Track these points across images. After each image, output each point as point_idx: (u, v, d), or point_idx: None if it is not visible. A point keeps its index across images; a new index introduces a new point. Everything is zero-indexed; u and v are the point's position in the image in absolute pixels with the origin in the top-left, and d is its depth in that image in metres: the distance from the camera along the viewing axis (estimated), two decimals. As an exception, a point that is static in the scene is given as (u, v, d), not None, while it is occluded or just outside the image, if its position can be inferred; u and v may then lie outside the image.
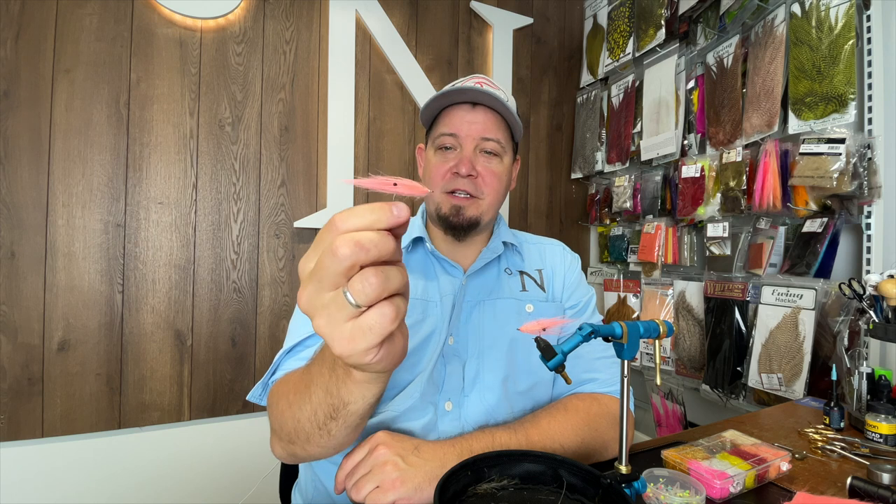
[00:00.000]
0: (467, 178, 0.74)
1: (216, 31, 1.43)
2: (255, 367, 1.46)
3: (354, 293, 0.31)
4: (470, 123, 0.75)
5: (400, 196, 0.34)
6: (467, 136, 0.75)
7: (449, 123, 0.76)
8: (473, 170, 0.74)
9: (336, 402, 0.45)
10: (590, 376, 0.78)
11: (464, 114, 0.75)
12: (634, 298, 1.75)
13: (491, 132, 0.76)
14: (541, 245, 0.89)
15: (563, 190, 2.05)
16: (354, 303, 0.31)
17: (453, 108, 0.76)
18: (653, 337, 0.54)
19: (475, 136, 0.75)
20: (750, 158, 1.31)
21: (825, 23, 1.15)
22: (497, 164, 0.77)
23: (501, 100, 0.74)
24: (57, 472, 1.23)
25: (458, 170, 0.73)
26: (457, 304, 0.75)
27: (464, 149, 0.75)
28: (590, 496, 0.51)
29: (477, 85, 0.74)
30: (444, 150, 0.77)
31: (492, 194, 0.77)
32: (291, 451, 0.57)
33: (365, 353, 0.33)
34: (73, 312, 1.26)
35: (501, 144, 0.77)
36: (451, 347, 0.73)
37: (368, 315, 0.32)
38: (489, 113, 0.76)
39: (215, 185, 1.42)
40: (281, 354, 0.67)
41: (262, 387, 0.67)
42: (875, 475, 0.63)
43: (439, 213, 0.76)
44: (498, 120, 0.77)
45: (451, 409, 0.71)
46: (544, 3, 1.99)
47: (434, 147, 0.78)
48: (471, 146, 0.75)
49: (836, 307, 1.09)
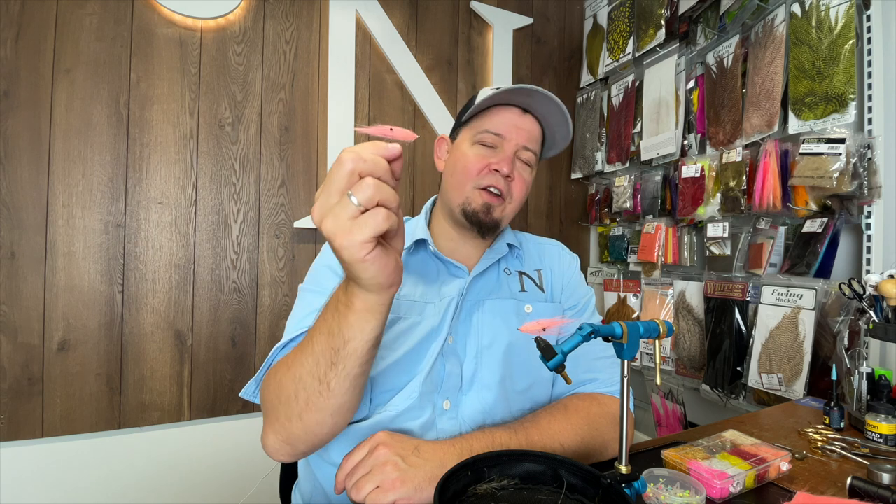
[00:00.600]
0: (505, 178, 0.75)
1: (216, 31, 1.43)
2: (255, 367, 1.46)
3: (356, 192, 0.39)
4: (518, 129, 0.76)
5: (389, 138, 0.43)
6: (511, 140, 0.75)
7: (499, 123, 0.76)
8: (512, 171, 0.75)
9: (337, 343, 0.49)
10: (590, 377, 0.78)
11: (514, 117, 0.76)
12: (634, 298, 1.75)
13: (533, 143, 0.77)
14: (540, 245, 0.89)
15: (563, 190, 2.05)
16: (356, 203, 0.39)
17: (503, 109, 0.76)
18: (653, 337, 0.54)
19: (519, 143, 0.76)
20: (750, 158, 1.31)
21: (825, 23, 1.15)
22: (528, 173, 0.79)
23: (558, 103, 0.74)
24: (57, 472, 1.23)
25: (500, 167, 0.74)
26: (459, 305, 0.75)
27: (506, 149, 0.75)
28: (590, 496, 0.51)
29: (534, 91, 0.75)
30: (484, 146, 0.76)
31: (518, 200, 0.78)
32: (288, 430, 0.56)
33: (361, 245, 0.40)
34: (73, 312, 1.26)
35: (536, 156, 0.79)
36: (450, 346, 0.73)
37: (365, 214, 0.39)
38: (535, 123, 0.77)
39: (215, 185, 1.42)
40: (275, 350, 0.66)
41: (255, 383, 0.66)
42: (875, 475, 0.63)
43: (467, 207, 0.75)
44: (540, 133, 0.79)
45: (448, 408, 0.71)
46: (544, 3, 1.99)
47: (473, 140, 0.77)
48: (513, 149, 0.76)
49: (836, 307, 1.09)
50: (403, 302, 0.73)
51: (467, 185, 0.75)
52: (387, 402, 0.69)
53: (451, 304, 0.74)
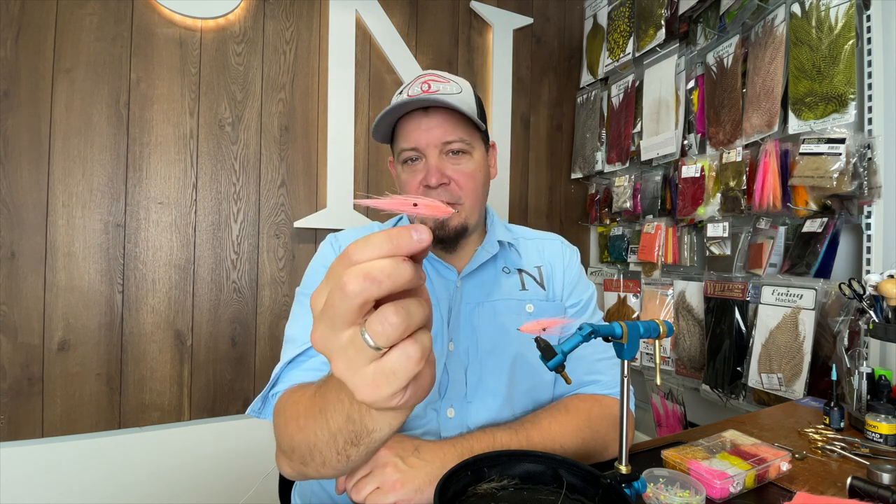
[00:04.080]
0: (439, 187, 0.70)
1: (216, 31, 1.43)
2: (255, 367, 1.47)
3: (373, 335, 0.27)
4: (427, 131, 0.70)
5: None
6: (428, 144, 0.71)
7: (406, 137, 0.72)
8: (444, 177, 0.70)
9: (359, 430, 0.41)
10: (592, 378, 0.77)
11: (418, 122, 0.71)
12: (634, 298, 1.75)
13: (451, 133, 0.71)
14: (539, 241, 0.86)
15: (563, 190, 2.05)
16: (374, 345, 0.28)
17: (407, 118, 0.72)
18: (653, 337, 0.54)
19: (436, 143, 0.71)
20: (750, 158, 1.31)
21: (825, 23, 1.14)
22: (468, 162, 0.73)
23: (449, 99, 0.68)
24: (57, 472, 1.23)
25: (428, 181, 0.70)
26: (454, 308, 0.73)
27: (428, 158, 0.71)
28: (590, 496, 0.51)
29: (423, 87, 0.70)
30: (409, 162, 0.73)
31: (470, 196, 0.73)
32: (302, 471, 0.53)
33: (390, 398, 0.30)
34: (73, 312, 1.26)
35: (466, 141, 0.72)
36: (452, 354, 0.72)
37: (391, 357, 0.28)
38: (445, 114, 0.71)
39: (215, 185, 1.42)
40: (280, 367, 0.65)
41: (261, 401, 0.65)
42: (875, 475, 0.63)
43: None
44: (456, 117, 0.71)
45: (453, 416, 0.70)
46: (544, 3, 1.99)
47: (399, 161, 0.74)
48: (435, 153, 0.71)
49: (836, 307, 1.09)
50: None
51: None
52: None
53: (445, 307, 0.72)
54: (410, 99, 0.68)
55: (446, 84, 0.71)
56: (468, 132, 0.73)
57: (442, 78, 0.73)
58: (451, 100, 0.68)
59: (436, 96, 0.69)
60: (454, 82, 0.73)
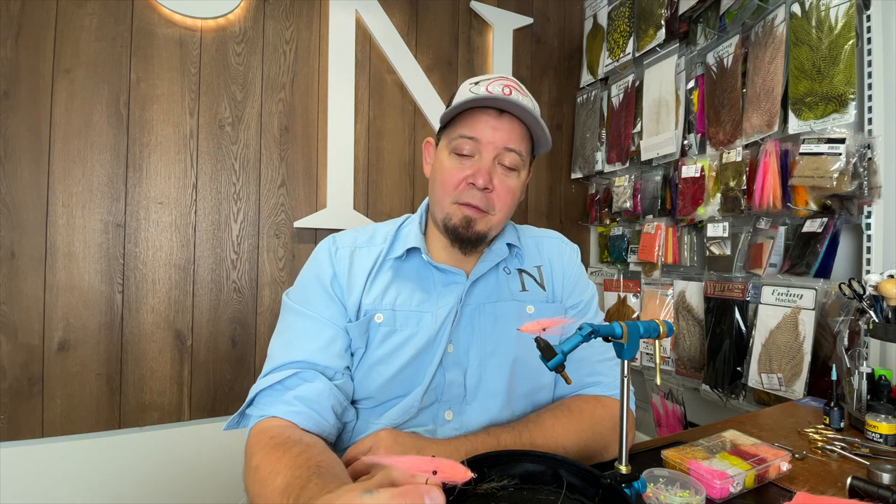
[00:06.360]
0: (483, 191, 0.69)
1: (216, 31, 1.43)
2: (255, 366, 1.46)
3: None
4: (495, 130, 0.69)
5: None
6: (489, 143, 0.69)
7: (472, 126, 0.70)
8: (490, 183, 0.69)
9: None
10: (594, 379, 0.76)
11: (489, 119, 0.70)
12: (634, 298, 1.75)
13: (514, 143, 0.70)
14: (538, 239, 0.85)
15: (563, 190, 2.05)
16: None
17: (478, 112, 0.70)
18: (653, 337, 0.54)
19: (498, 145, 0.70)
20: (750, 158, 1.31)
21: (825, 23, 1.14)
22: (514, 179, 0.72)
23: (531, 111, 0.68)
24: (57, 472, 1.23)
25: (475, 181, 0.68)
26: (458, 311, 0.72)
27: (483, 158, 0.70)
28: (590, 496, 0.51)
29: (505, 90, 0.69)
30: (460, 155, 0.71)
31: (503, 210, 0.72)
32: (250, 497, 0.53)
33: None
34: (73, 312, 1.26)
35: (522, 158, 0.72)
36: (451, 356, 0.71)
37: None
38: (515, 122, 0.70)
39: (215, 185, 1.42)
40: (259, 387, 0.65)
41: (239, 416, 0.66)
42: (875, 475, 0.63)
43: (447, 223, 0.71)
44: (523, 131, 0.71)
45: (451, 419, 0.70)
46: (544, 3, 1.99)
47: (450, 149, 0.72)
48: (490, 155, 0.70)
49: (836, 307, 1.09)
50: (399, 312, 0.71)
51: (446, 200, 0.71)
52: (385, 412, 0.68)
53: (451, 313, 0.71)
54: (503, 97, 0.67)
55: (525, 98, 0.71)
56: (525, 150, 0.73)
57: (522, 90, 0.72)
58: (533, 114, 0.69)
59: (518, 98, 0.68)
60: (530, 98, 0.73)
